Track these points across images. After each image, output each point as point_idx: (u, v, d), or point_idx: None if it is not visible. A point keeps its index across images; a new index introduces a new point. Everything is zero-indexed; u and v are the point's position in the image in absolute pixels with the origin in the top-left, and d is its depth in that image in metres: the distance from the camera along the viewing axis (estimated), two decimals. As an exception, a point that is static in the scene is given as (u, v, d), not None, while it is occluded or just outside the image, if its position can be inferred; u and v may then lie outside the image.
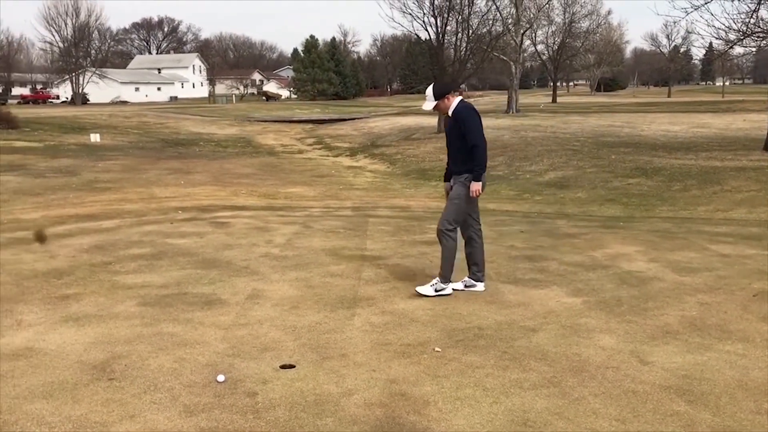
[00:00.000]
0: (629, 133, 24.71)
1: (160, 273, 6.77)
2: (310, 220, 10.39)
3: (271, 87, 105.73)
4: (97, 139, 27.17)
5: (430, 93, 6.02)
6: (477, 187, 5.97)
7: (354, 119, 42.28)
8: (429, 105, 6.05)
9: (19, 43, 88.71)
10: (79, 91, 73.87)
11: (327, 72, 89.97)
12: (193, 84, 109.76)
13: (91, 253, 7.65)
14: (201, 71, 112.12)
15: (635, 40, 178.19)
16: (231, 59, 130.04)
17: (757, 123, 27.08)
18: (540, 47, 70.87)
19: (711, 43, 39.01)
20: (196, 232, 9.03)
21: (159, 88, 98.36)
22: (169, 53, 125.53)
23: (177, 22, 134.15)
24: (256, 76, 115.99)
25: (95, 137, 27.42)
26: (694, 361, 4.49)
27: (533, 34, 61.26)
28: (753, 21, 18.85)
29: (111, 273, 6.76)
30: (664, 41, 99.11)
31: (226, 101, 75.87)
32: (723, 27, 19.86)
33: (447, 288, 5.99)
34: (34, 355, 4.57)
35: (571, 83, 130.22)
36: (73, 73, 73.94)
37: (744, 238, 8.98)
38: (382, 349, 4.71)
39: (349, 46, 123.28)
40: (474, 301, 5.88)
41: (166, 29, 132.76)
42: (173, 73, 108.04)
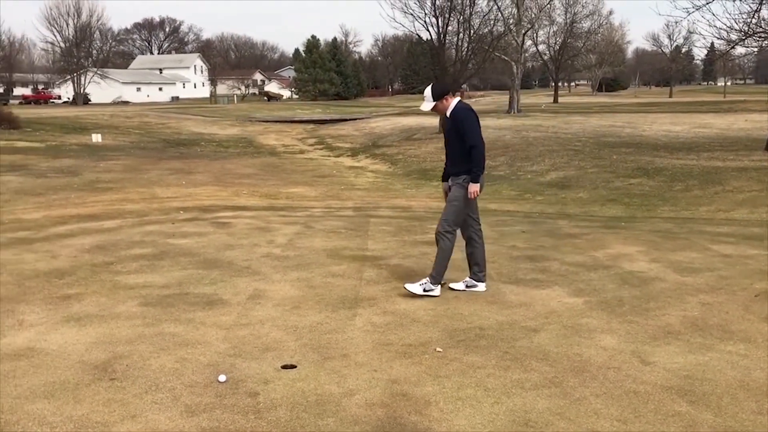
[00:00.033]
0: (631, 134, 24.69)
1: (162, 273, 6.77)
2: (312, 220, 10.39)
3: (272, 87, 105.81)
4: (99, 140, 27.19)
5: (429, 93, 6.01)
6: (475, 188, 5.97)
7: (355, 119, 42.28)
8: (427, 106, 6.05)
9: (21, 44, 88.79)
10: (81, 91, 73.95)
11: (328, 72, 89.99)
12: (194, 84, 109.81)
13: (93, 253, 7.65)
14: (202, 71, 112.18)
15: (637, 40, 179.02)
16: (232, 59, 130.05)
17: (758, 123, 27.07)
18: (541, 47, 70.94)
19: (713, 43, 39.01)
20: (198, 233, 9.03)
21: (160, 89, 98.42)
22: (170, 53, 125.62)
23: (178, 23, 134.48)
24: (258, 77, 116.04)
25: (97, 137, 27.44)
26: (695, 362, 4.49)
27: (535, 35, 61.31)
28: (755, 21, 18.85)
29: (112, 273, 6.76)
30: (666, 41, 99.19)
31: (227, 101, 75.90)
32: (725, 27, 19.85)
33: (436, 289, 5.96)
34: (35, 355, 4.57)
35: (572, 83, 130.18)
36: (75, 74, 74.04)
37: (746, 239, 8.97)
38: (384, 349, 4.71)
39: (350, 46, 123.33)
40: (475, 301, 5.88)
41: (167, 29, 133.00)
42: (175, 73, 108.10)
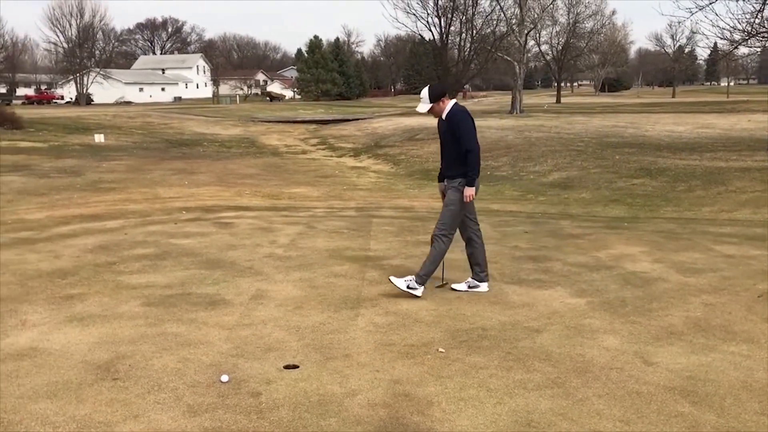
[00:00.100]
0: (633, 134, 24.66)
1: (164, 273, 6.78)
2: (314, 220, 10.39)
3: (275, 87, 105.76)
4: (101, 140, 27.20)
5: (426, 95, 5.99)
6: (471, 192, 5.96)
7: (358, 120, 42.26)
8: (424, 107, 6.04)
9: (24, 44, 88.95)
10: (84, 91, 74.05)
11: (331, 72, 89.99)
12: (197, 84, 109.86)
13: (96, 254, 7.66)
14: (205, 72, 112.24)
15: (640, 40, 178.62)
16: (235, 60, 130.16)
17: (761, 123, 27.02)
18: (544, 47, 70.92)
19: (716, 44, 39.02)
20: (200, 233, 9.04)
21: (163, 89, 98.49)
22: (173, 54, 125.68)
23: (181, 23, 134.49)
24: (260, 77, 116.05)
25: (99, 138, 27.46)
26: (698, 362, 4.48)
27: (537, 35, 61.18)
28: (758, 21, 18.81)
29: (115, 273, 6.77)
30: (669, 41, 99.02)
31: (230, 102, 75.94)
32: (728, 27, 19.82)
33: (419, 289, 5.94)
34: (38, 354, 4.58)
35: (575, 84, 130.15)
36: (78, 74, 74.14)
37: (749, 239, 8.95)
38: (386, 349, 4.71)
39: (352, 46, 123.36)
40: (478, 301, 5.88)
41: (170, 30, 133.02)
42: (177, 73, 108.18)
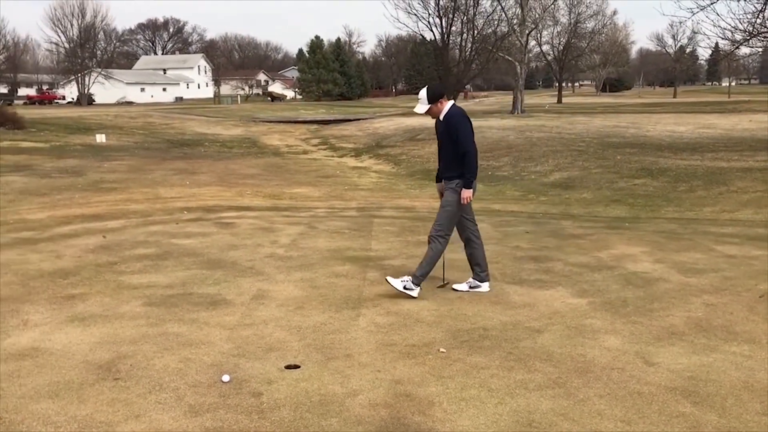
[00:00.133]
0: (635, 134, 24.64)
1: (166, 273, 6.79)
2: (315, 220, 10.39)
3: (276, 87, 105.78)
4: (103, 140, 27.21)
5: (424, 96, 5.97)
6: (468, 194, 5.96)
7: (359, 120, 42.24)
8: (422, 108, 6.02)
9: (25, 44, 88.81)
10: (85, 91, 74.09)
11: (332, 72, 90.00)
12: (198, 85, 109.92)
13: (97, 254, 7.67)
14: (206, 72, 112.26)
15: (641, 40, 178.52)
16: (236, 60, 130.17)
17: (763, 123, 26.98)
18: (545, 47, 70.98)
19: (717, 44, 38.99)
20: (202, 233, 9.04)
21: (164, 89, 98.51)
22: (174, 54, 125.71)
23: (182, 23, 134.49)
24: (261, 77, 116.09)
25: (101, 138, 27.46)
26: (699, 363, 4.48)
27: (538, 35, 61.19)
28: (759, 21, 18.80)
29: (116, 273, 6.78)
30: (670, 41, 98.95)
31: (231, 102, 75.95)
32: (729, 27, 19.81)
33: (415, 290, 5.94)
34: (39, 354, 4.59)
35: (576, 84, 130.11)
36: (79, 74, 74.17)
37: (750, 239, 8.95)
38: (387, 349, 4.72)
39: (354, 46, 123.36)
40: (479, 301, 5.88)
41: (171, 30, 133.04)
42: (178, 73, 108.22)
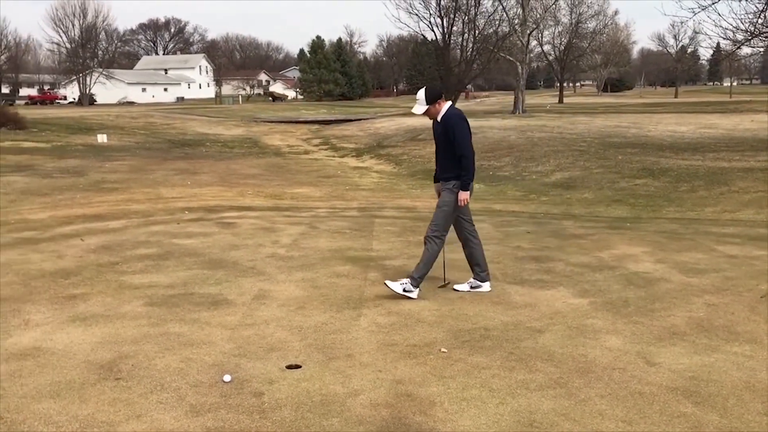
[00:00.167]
0: (636, 134, 24.62)
1: (167, 273, 6.79)
2: (317, 220, 10.40)
3: (277, 88, 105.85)
4: (104, 140, 27.22)
5: (422, 97, 5.96)
6: (465, 196, 5.96)
7: (360, 120, 42.23)
8: (420, 109, 6.00)
9: (27, 44, 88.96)
10: (86, 91, 74.13)
11: (333, 72, 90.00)
12: (199, 85, 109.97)
13: (98, 253, 7.68)
14: (207, 72, 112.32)
15: (642, 40, 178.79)
16: (237, 60, 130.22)
17: (764, 123, 26.95)
18: (546, 48, 71.02)
19: (718, 44, 38.98)
20: (203, 233, 9.05)
21: (166, 89, 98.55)
22: (175, 54, 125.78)
23: (183, 23, 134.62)
24: (263, 77, 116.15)
25: (102, 138, 27.48)
26: (701, 363, 4.48)
27: (540, 35, 61.21)
28: (761, 21, 18.78)
29: (118, 273, 6.78)
30: (672, 41, 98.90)
31: (232, 102, 75.99)
32: (730, 27, 19.80)
33: (414, 292, 5.94)
34: (41, 354, 4.59)
35: (577, 84, 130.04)
36: (81, 74, 74.24)
37: (751, 239, 8.94)
38: (389, 349, 4.72)
39: (355, 46, 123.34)
40: (480, 301, 5.88)
41: (172, 30, 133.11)
42: (180, 73, 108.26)
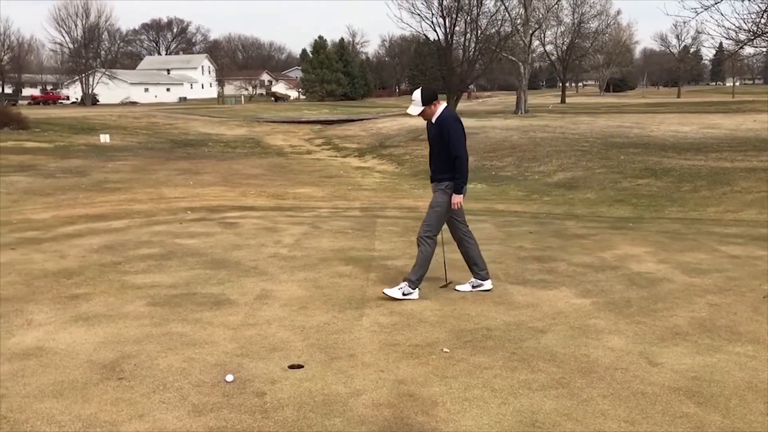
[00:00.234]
0: (638, 134, 24.60)
1: (170, 273, 6.80)
2: (319, 220, 10.40)
3: (279, 88, 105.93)
4: (107, 140, 27.26)
5: (418, 98, 5.92)
6: (458, 199, 5.96)
7: (362, 120, 42.22)
8: (415, 110, 5.97)
9: (30, 44, 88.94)
10: (89, 91, 74.21)
11: (335, 73, 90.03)
12: (202, 85, 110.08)
13: (101, 253, 7.69)
14: (210, 72, 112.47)
15: (645, 40, 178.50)
16: (240, 60, 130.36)
17: (767, 123, 26.91)
18: (549, 48, 70.88)
19: (721, 44, 38.88)
20: (205, 233, 9.06)
21: (168, 89, 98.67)
22: (178, 54, 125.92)
23: (186, 23, 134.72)
24: (265, 77, 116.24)
25: (105, 138, 27.51)
26: (703, 363, 4.47)
27: (542, 35, 61.21)
28: (763, 21, 18.73)
29: (120, 273, 6.79)
30: (674, 41, 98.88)
31: (234, 102, 76.02)
32: (733, 27, 19.76)
33: (414, 293, 5.96)
34: (44, 354, 4.60)
35: (580, 84, 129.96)
36: (83, 74, 74.29)
37: (754, 239, 8.93)
38: (391, 349, 4.72)
39: (357, 46, 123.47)
40: (482, 301, 5.88)
41: (175, 30, 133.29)
42: (182, 73, 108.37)
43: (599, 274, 6.83)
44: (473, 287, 6.19)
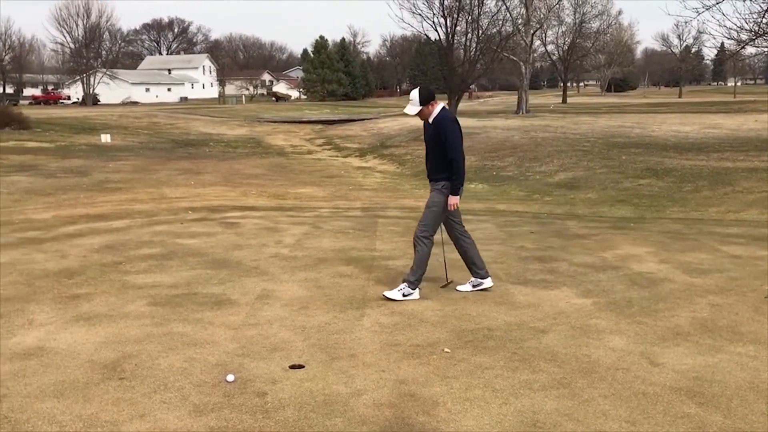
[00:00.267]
0: (640, 134, 24.59)
1: (171, 273, 6.80)
2: (320, 220, 10.40)
3: (280, 87, 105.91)
4: (108, 140, 27.28)
5: (416, 97, 5.90)
6: (455, 200, 5.96)
7: (363, 120, 42.23)
8: (413, 109, 5.93)
9: (31, 44, 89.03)
10: (90, 91, 74.27)
11: (336, 72, 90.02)
12: (203, 85, 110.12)
13: (102, 253, 7.69)
14: (211, 72, 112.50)
15: (646, 40, 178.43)
16: (241, 60, 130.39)
17: (768, 123, 26.89)
18: (550, 47, 70.82)
19: (722, 43, 38.82)
20: (206, 233, 9.06)
21: (169, 89, 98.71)
22: (179, 54, 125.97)
23: (187, 23, 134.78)
24: (266, 77, 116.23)
25: (106, 138, 27.53)
26: (704, 363, 4.47)
27: (543, 35, 61.21)
28: (765, 21, 18.70)
29: (121, 273, 6.79)
30: (675, 41, 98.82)
31: (235, 102, 76.02)
32: (735, 27, 19.69)
33: (415, 293, 5.96)
34: (45, 354, 4.60)
35: (581, 84, 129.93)
36: (84, 74, 74.35)
37: (755, 240, 8.92)
38: (392, 349, 4.72)
39: (358, 46, 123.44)
40: (483, 301, 5.88)
41: (176, 30, 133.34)
42: (183, 73, 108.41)
43: (600, 274, 6.82)
44: (473, 287, 6.19)
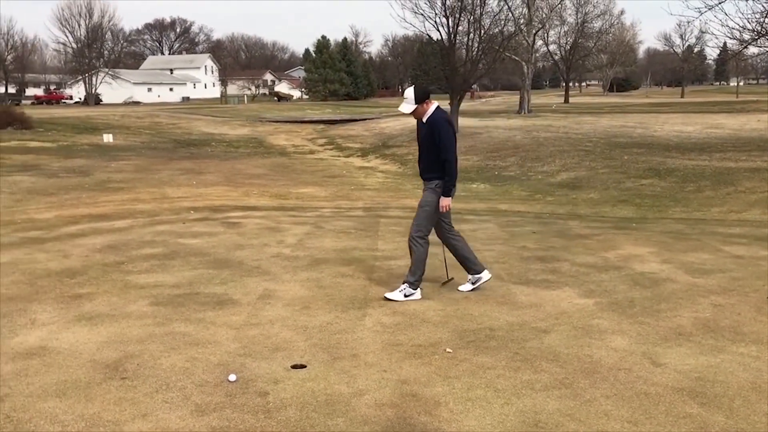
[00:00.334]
0: (642, 134, 24.56)
1: (173, 273, 6.80)
2: (322, 220, 10.40)
3: (282, 87, 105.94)
4: (110, 140, 27.31)
5: (411, 96, 5.84)
6: (447, 202, 5.94)
7: (365, 120, 42.23)
8: (408, 108, 5.88)
9: (33, 44, 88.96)
10: (92, 91, 74.34)
11: (338, 72, 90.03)
12: (205, 84, 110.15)
13: (104, 253, 7.70)
14: (213, 72, 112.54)
15: (648, 40, 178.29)
16: (243, 60, 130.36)
17: (771, 123, 26.85)
18: (552, 47, 70.70)
19: (725, 43, 38.83)
20: (208, 232, 9.06)
21: (171, 89, 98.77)
22: (181, 54, 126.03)
23: (189, 23, 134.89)
24: (268, 77, 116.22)
25: (108, 137, 27.57)
26: (707, 363, 4.46)
27: (545, 35, 61.08)
28: (767, 21, 18.68)
29: (123, 273, 6.80)
30: (678, 41, 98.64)
31: (237, 102, 76.05)
32: (737, 27, 19.66)
33: (416, 293, 5.96)
34: (47, 353, 4.60)
35: (583, 83, 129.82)
36: (86, 74, 74.45)
37: (758, 240, 8.91)
38: (393, 349, 4.71)
39: (360, 46, 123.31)
40: (485, 301, 5.87)
41: (178, 30, 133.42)
42: (185, 73, 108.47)
43: (602, 274, 6.82)
44: (473, 284, 6.18)
